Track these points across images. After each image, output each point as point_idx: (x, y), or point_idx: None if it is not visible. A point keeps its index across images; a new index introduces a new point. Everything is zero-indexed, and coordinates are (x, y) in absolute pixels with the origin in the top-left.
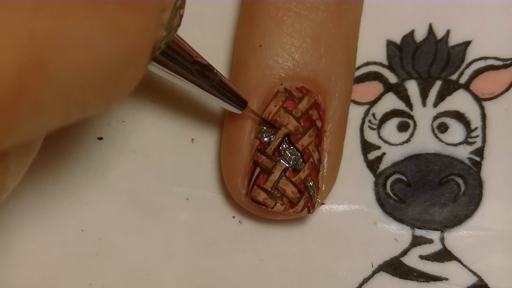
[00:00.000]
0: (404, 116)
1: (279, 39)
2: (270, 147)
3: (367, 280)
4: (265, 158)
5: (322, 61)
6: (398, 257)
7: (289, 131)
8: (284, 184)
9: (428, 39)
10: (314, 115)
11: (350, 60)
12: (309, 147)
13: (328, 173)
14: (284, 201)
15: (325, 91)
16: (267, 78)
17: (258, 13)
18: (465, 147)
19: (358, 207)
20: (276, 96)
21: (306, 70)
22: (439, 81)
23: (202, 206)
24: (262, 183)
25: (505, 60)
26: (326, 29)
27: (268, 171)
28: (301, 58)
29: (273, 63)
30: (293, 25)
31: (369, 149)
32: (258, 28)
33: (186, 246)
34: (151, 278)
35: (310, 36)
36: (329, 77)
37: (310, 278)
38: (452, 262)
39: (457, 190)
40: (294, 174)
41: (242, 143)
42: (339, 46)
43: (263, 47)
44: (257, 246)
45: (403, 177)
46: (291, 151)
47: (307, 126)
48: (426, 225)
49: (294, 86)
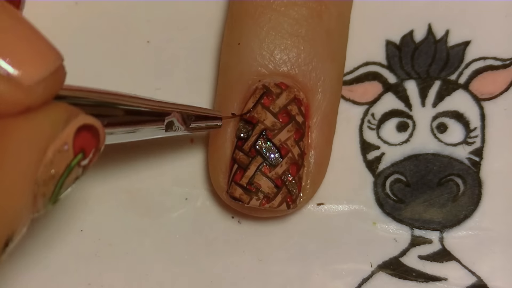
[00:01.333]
0: (403, 116)
1: (256, 36)
2: (247, 143)
3: (366, 280)
4: (242, 155)
5: (301, 57)
6: (397, 257)
7: (265, 127)
8: (259, 180)
9: (427, 39)
10: (293, 110)
11: (334, 55)
12: (287, 142)
13: (314, 168)
14: (259, 196)
15: (305, 86)
16: (246, 76)
17: (238, 12)
18: (464, 147)
19: (357, 207)
20: (255, 93)
21: (285, 66)
22: (438, 81)
23: (201, 206)
24: (238, 179)
25: (504, 60)
26: (305, 25)
27: (245, 167)
28: (279, 54)
29: (252, 60)
30: (270, 22)
31: (368, 149)
32: (237, 27)
33: (185, 246)
34: (150, 278)
35: (288, 33)
36: (309, 72)
37: (309, 278)
38: (451, 262)
39: (456, 190)
40: (270, 169)
41: (224, 141)
42: (320, 41)
43: (242, 45)
44: (256, 246)
45: (402, 177)
46: (267, 147)
47: (286, 121)
48: (425, 225)
49: (273, 82)
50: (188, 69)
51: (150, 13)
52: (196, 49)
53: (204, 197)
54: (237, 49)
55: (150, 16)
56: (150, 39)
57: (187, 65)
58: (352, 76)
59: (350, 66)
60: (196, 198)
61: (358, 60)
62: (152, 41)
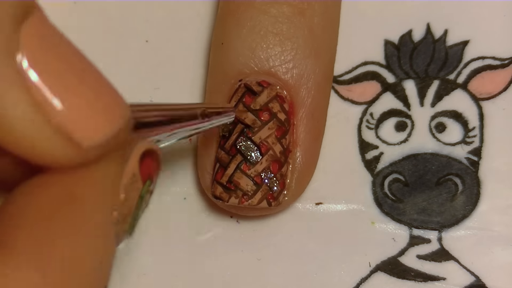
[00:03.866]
0: (401, 116)
1: (238, 35)
2: (228, 142)
3: (364, 280)
4: (224, 153)
5: (283, 55)
6: (395, 257)
7: (246, 125)
8: (238, 178)
9: (426, 39)
10: (275, 107)
11: (319, 52)
12: (268, 139)
13: (300, 166)
14: (238, 194)
15: (288, 83)
16: (229, 75)
17: (221, 11)
18: (462, 147)
19: (356, 207)
20: (237, 92)
21: (267, 64)
22: (437, 81)
23: (199, 205)
24: (219, 178)
25: (502, 60)
26: (287, 23)
27: (225, 165)
28: (261, 52)
29: (234, 60)
30: (251, 20)
31: (367, 149)
32: (220, 26)
33: (183, 246)
34: (148, 278)
35: (270, 31)
36: (291, 69)
37: (308, 278)
38: (450, 262)
39: (454, 189)
40: (249, 167)
41: (210, 141)
42: (302, 38)
43: (225, 45)
44: (255, 246)
45: (401, 176)
46: (246, 145)
47: (267, 119)
48: (423, 225)
49: (255, 81)
50: (187, 69)
51: (149, 12)
52: (195, 48)
53: (202, 197)
54: (221, 48)
55: (149, 15)
56: (149, 39)
57: (186, 64)
58: (350, 76)
59: (349, 65)
60: (194, 198)
61: (356, 59)
62: (151, 41)
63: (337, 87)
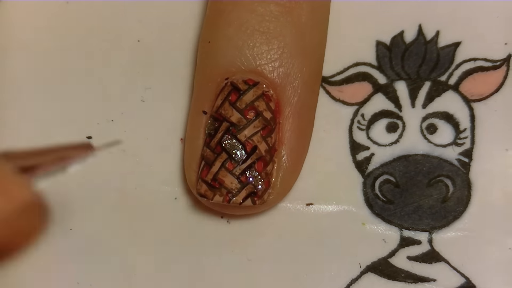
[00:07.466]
0: (393, 117)
1: (225, 34)
2: (214, 140)
3: (355, 281)
4: (209, 151)
5: (270, 53)
6: (386, 258)
7: (231, 123)
8: (223, 176)
9: (417, 40)
10: (260, 106)
11: (306, 51)
12: (253, 138)
13: (286, 165)
14: (222, 192)
15: (274, 82)
16: (216, 73)
17: (209, 11)
18: (453, 148)
19: (347, 208)
20: (223, 90)
21: (254, 62)
22: (428, 82)
23: (190, 205)
24: (204, 176)
25: (494, 61)
26: (274, 21)
27: (210, 163)
28: (247, 51)
29: (221, 58)
30: (238, 19)
31: (358, 150)
32: (207, 25)
33: (174, 246)
34: (138, 278)
35: (256, 30)
36: (277, 68)
37: (299, 278)
38: (440, 263)
39: (445, 191)
40: (234, 165)
41: (197, 139)
42: (289, 37)
43: (212, 44)
44: (245, 246)
45: (392, 178)
46: (231, 143)
47: (252, 117)
48: (414, 226)
49: (241, 79)
50: (178, 69)
51: (141, 12)
52: (187, 49)
53: (193, 197)
54: (208, 47)
55: (141, 15)
56: (140, 39)
57: (177, 64)
58: (342, 77)
59: (340, 66)
60: (185, 198)
61: (348, 60)
62: (143, 41)
63: (329, 88)
